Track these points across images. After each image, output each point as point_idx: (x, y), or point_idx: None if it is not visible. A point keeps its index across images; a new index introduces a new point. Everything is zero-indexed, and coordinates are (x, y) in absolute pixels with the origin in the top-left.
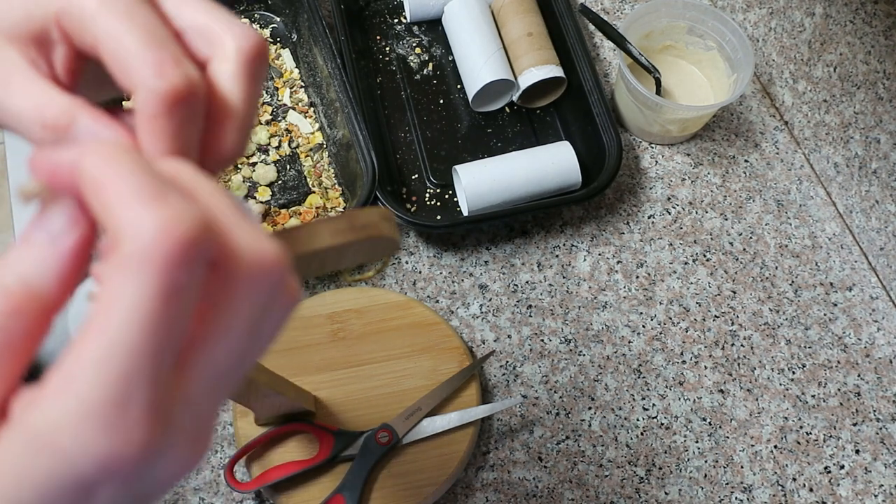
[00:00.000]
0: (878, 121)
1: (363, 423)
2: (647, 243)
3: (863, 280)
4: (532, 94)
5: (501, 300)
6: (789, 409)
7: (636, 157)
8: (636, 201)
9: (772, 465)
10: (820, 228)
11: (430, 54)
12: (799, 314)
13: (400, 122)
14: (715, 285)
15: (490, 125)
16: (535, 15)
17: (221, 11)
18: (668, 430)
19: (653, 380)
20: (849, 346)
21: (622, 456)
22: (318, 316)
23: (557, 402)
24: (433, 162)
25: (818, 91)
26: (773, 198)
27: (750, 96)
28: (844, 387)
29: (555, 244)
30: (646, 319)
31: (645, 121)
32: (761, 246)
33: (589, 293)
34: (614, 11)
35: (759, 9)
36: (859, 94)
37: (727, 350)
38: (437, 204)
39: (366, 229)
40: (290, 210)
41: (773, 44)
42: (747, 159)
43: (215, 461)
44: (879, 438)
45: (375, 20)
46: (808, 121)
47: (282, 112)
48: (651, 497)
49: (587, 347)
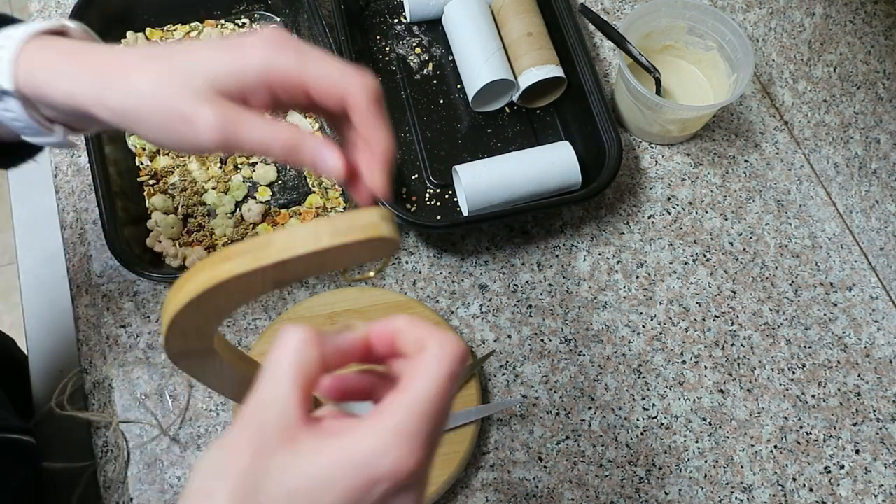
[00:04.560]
0: (878, 121)
1: None
2: (647, 243)
3: (863, 280)
4: (532, 94)
5: (501, 300)
6: (789, 409)
7: (636, 157)
8: (636, 201)
9: (772, 465)
10: (820, 228)
11: (430, 54)
12: (799, 314)
13: (400, 122)
14: (715, 285)
15: (490, 125)
16: (535, 15)
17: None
18: (668, 430)
19: (653, 380)
20: (849, 346)
21: (622, 456)
22: (319, 316)
23: (557, 402)
24: (433, 162)
25: (818, 91)
26: (773, 198)
27: (750, 96)
28: (844, 387)
29: (555, 244)
30: (646, 319)
31: (645, 121)
32: (761, 246)
33: (589, 293)
34: (614, 11)
35: (759, 9)
36: (859, 94)
37: (727, 350)
38: (437, 204)
39: (365, 230)
40: (290, 210)
41: (773, 44)
42: (747, 159)
43: None
44: (879, 438)
45: (375, 20)
46: (808, 121)
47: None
48: (651, 497)
49: (587, 347)
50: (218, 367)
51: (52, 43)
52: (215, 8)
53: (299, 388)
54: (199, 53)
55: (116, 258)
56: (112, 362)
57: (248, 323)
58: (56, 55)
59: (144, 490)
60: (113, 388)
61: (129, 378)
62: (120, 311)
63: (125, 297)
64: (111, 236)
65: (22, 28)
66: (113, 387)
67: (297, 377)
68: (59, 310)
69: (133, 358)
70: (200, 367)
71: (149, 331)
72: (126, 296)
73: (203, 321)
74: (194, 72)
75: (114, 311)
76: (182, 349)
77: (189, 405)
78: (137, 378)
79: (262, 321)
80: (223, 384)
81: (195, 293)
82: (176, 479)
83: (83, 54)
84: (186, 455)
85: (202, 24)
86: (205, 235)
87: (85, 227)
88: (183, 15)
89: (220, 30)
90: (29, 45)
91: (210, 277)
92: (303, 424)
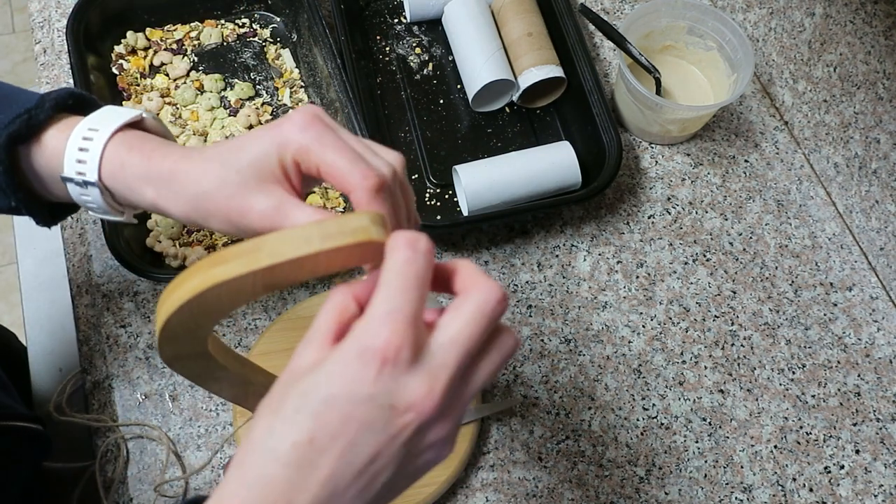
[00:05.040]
0: (878, 121)
1: None
2: (647, 243)
3: (863, 280)
4: (532, 94)
5: None
6: (789, 409)
7: (636, 157)
8: (636, 201)
9: (772, 465)
10: (820, 228)
11: (430, 54)
12: (799, 314)
13: (400, 122)
14: (715, 285)
15: (490, 125)
16: (535, 15)
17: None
18: (668, 430)
19: (653, 380)
20: (849, 346)
21: (622, 456)
22: None
23: (557, 402)
24: (433, 162)
25: (818, 91)
26: (773, 198)
27: (750, 96)
28: (844, 387)
29: (555, 244)
30: (646, 319)
31: (645, 121)
32: (761, 246)
33: (589, 293)
34: (614, 11)
35: (759, 9)
36: (859, 94)
37: (727, 350)
38: (437, 204)
39: (355, 234)
40: None
41: (773, 44)
42: (747, 159)
43: (216, 461)
44: (879, 438)
45: (375, 20)
46: (808, 121)
47: (282, 112)
48: (651, 497)
49: (587, 347)
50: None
51: (131, 140)
52: (215, 8)
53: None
54: (247, 146)
55: (116, 258)
56: (112, 362)
57: (248, 323)
58: (138, 158)
59: (144, 490)
60: (113, 388)
61: (129, 378)
62: (120, 311)
63: (125, 297)
64: (111, 236)
65: (107, 116)
66: (113, 387)
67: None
68: (59, 310)
69: (133, 358)
70: (195, 370)
71: (149, 331)
72: (126, 296)
73: (196, 324)
74: (245, 165)
75: (114, 311)
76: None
77: (189, 405)
78: (137, 378)
79: (262, 321)
80: (220, 386)
81: (187, 297)
82: (176, 480)
83: (158, 158)
84: (186, 455)
85: (202, 24)
86: (205, 235)
87: (85, 227)
88: (183, 15)
89: (220, 29)
90: (113, 141)
91: (201, 281)
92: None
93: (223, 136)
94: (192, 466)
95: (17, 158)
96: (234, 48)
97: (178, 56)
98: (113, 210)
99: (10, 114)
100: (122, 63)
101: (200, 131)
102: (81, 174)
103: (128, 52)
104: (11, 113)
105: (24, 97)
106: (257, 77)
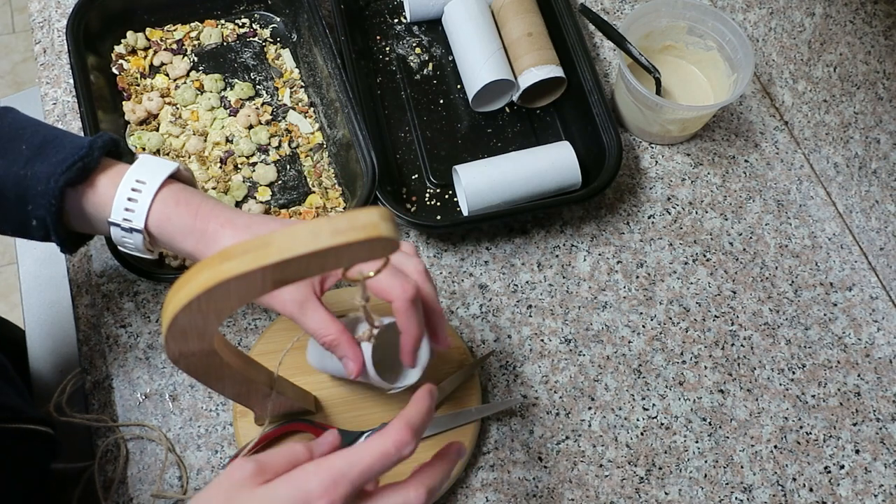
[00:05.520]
0: (878, 121)
1: (363, 423)
2: (647, 243)
3: (863, 280)
4: (532, 94)
5: (501, 300)
6: (789, 409)
7: (636, 157)
8: (636, 201)
9: (772, 465)
10: (820, 228)
11: (430, 54)
12: (799, 314)
13: (400, 122)
14: (715, 285)
15: (490, 125)
16: (535, 15)
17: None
18: (668, 430)
19: (653, 380)
20: (849, 346)
21: (622, 456)
22: None
23: (557, 402)
24: (433, 162)
25: (818, 91)
26: (773, 198)
27: (750, 96)
28: (844, 387)
29: (555, 244)
30: (646, 319)
31: (645, 121)
32: (761, 246)
33: (589, 293)
34: (614, 11)
35: (759, 9)
36: (859, 94)
37: (727, 350)
38: (437, 204)
39: (365, 229)
40: (290, 210)
41: (773, 44)
42: (747, 159)
43: (215, 461)
44: (879, 438)
45: (375, 20)
46: (808, 121)
47: (282, 112)
48: (651, 497)
49: (587, 347)
50: (218, 368)
51: (178, 195)
52: (215, 8)
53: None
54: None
55: (116, 258)
56: (112, 362)
57: (248, 323)
58: (184, 213)
59: (144, 490)
60: (113, 388)
61: (129, 378)
62: (120, 311)
63: (125, 297)
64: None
65: (152, 168)
66: (113, 387)
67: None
68: (59, 310)
69: (133, 358)
70: (201, 368)
71: (149, 331)
72: (126, 296)
73: (203, 321)
74: None
75: (114, 311)
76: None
77: (189, 405)
78: (137, 378)
79: (263, 321)
80: (223, 385)
81: (195, 293)
82: (176, 480)
83: (204, 216)
84: (186, 455)
85: (202, 24)
86: None
87: None
88: (183, 15)
89: (220, 29)
90: (161, 193)
91: (210, 277)
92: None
93: (223, 136)
94: (192, 466)
95: (63, 200)
96: (234, 48)
97: (178, 56)
98: (147, 251)
99: (60, 158)
100: (122, 63)
101: (200, 131)
102: (128, 220)
103: (128, 52)
104: (62, 158)
105: (68, 141)
106: (257, 77)
